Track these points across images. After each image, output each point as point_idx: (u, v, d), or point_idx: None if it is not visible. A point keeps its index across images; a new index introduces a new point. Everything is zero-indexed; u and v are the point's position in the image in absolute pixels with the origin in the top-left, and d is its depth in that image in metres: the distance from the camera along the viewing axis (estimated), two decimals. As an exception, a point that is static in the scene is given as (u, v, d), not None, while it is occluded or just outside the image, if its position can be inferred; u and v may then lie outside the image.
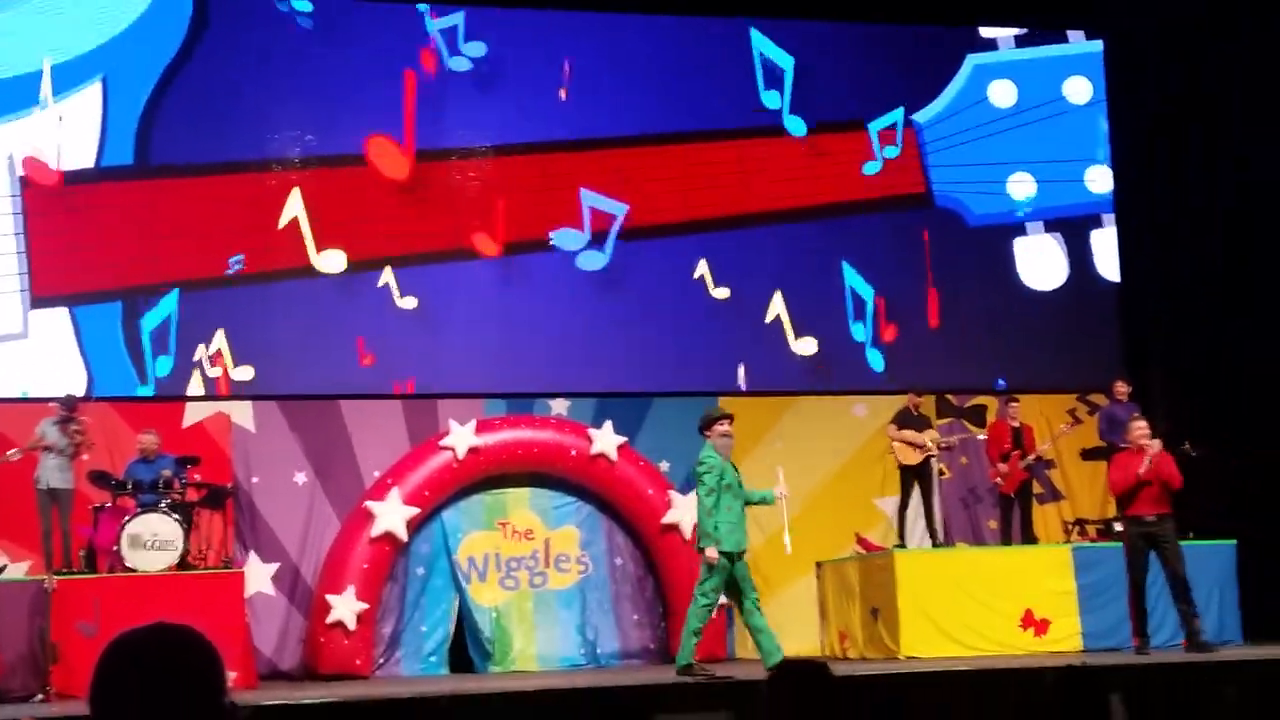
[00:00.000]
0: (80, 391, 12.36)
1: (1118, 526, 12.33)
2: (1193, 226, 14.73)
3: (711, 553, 9.57)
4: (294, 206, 13.48)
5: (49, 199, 12.99)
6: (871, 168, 14.84)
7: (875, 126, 14.92)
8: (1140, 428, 10.98)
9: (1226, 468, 12.49)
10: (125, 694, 1.97)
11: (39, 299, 12.90)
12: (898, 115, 15.00)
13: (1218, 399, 13.82)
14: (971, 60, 15.43)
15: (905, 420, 12.91)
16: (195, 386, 13.06)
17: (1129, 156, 15.40)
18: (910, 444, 12.73)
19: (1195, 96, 14.76)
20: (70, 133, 13.15)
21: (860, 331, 14.64)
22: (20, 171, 12.97)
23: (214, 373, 13.10)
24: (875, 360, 14.60)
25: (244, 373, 13.16)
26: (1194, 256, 14.69)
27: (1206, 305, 14.47)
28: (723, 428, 9.97)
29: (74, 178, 13.11)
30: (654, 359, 14.11)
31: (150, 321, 13.05)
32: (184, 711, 1.96)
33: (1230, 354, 14.13)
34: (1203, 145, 14.76)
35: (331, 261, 13.52)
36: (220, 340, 13.14)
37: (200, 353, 13.09)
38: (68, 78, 13.22)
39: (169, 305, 13.09)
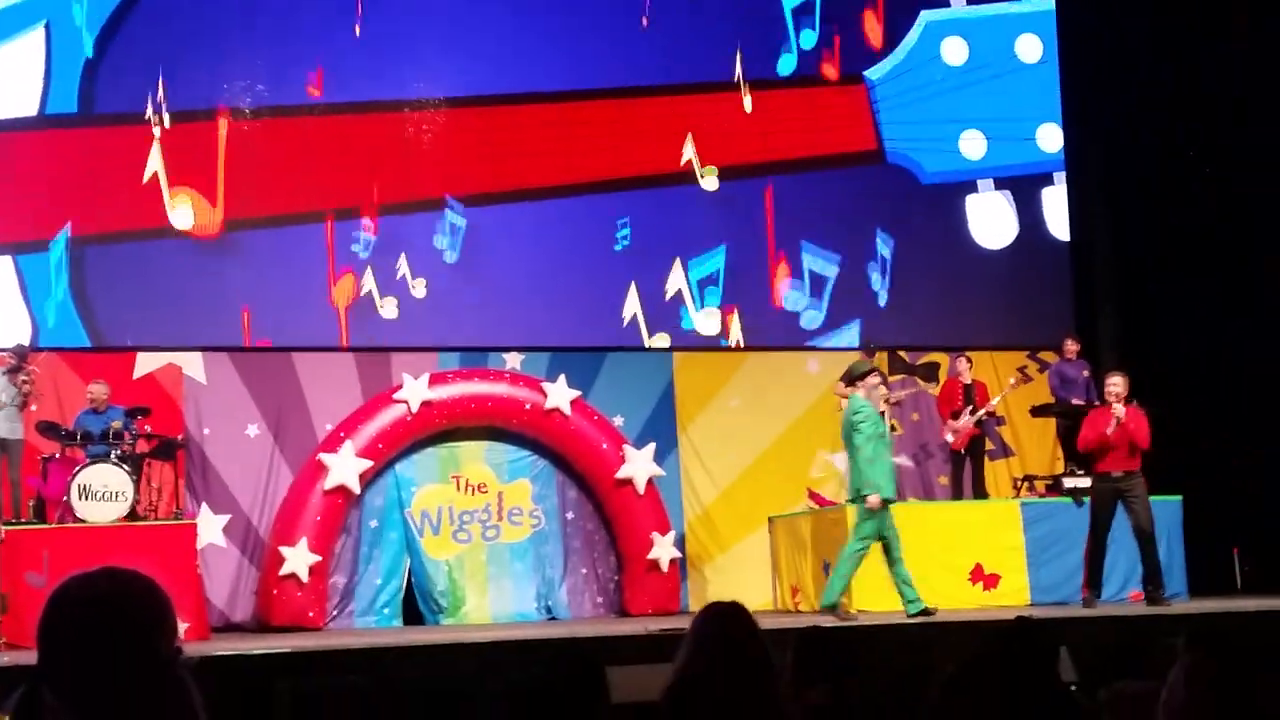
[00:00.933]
0: (26, 341, 12.20)
1: (1066, 483, 12.50)
2: (1144, 185, 14.83)
3: (875, 499, 10.05)
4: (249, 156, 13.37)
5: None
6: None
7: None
8: (1114, 384, 11.03)
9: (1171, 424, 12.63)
10: (72, 637, 1.96)
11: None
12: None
13: (1167, 357, 13.95)
14: (924, 16, 15.42)
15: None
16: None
17: (1080, 115, 15.46)
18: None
19: (1147, 55, 14.82)
20: (12, 79, 12.93)
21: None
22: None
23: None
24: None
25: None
26: (1144, 215, 14.80)
27: (1157, 263, 14.60)
28: (874, 379, 10.31)
29: (17, 125, 12.90)
30: (608, 313, 14.08)
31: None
32: (131, 655, 1.95)
33: (1180, 315, 14.27)
34: (1154, 103, 14.84)
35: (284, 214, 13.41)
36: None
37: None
38: (9, 24, 12.96)
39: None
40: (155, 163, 13.10)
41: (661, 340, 14.16)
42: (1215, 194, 14.26)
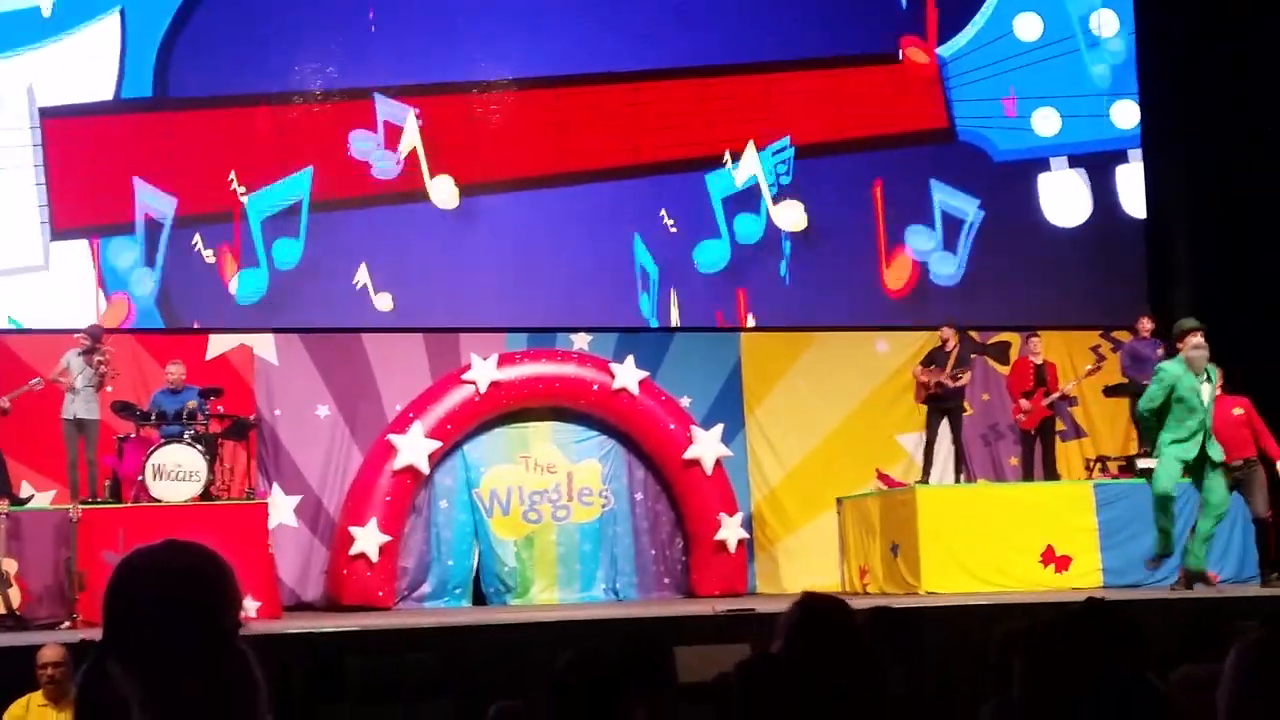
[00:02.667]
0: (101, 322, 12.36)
1: (1140, 464, 12.32)
2: (1221, 161, 14.56)
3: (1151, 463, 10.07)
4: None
5: (69, 130, 12.95)
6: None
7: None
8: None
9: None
10: (135, 608, 1.98)
11: (59, 231, 12.89)
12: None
13: (1244, 339, 13.71)
14: (998, -9, 15.23)
15: (933, 357, 12.89)
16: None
17: (1156, 91, 15.20)
18: (919, 381, 12.79)
19: (1226, 29, 14.54)
20: (89, 64, 13.09)
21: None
22: (40, 102, 12.93)
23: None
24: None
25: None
26: (1221, 192, 14.55)
27: (1234, 242, 14.34)
28: (1193, 340, 9.97)
29: (93, 109, 13.06)
30: (673, 293, 14.06)
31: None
32: (192, 626, 1.97)
33: (1260, 291, 14.01)
34: (1233, 77, 14.56)
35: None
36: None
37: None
38: (85, 8, 13.13)
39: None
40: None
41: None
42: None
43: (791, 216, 14.41)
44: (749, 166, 14.37)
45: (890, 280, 14.52)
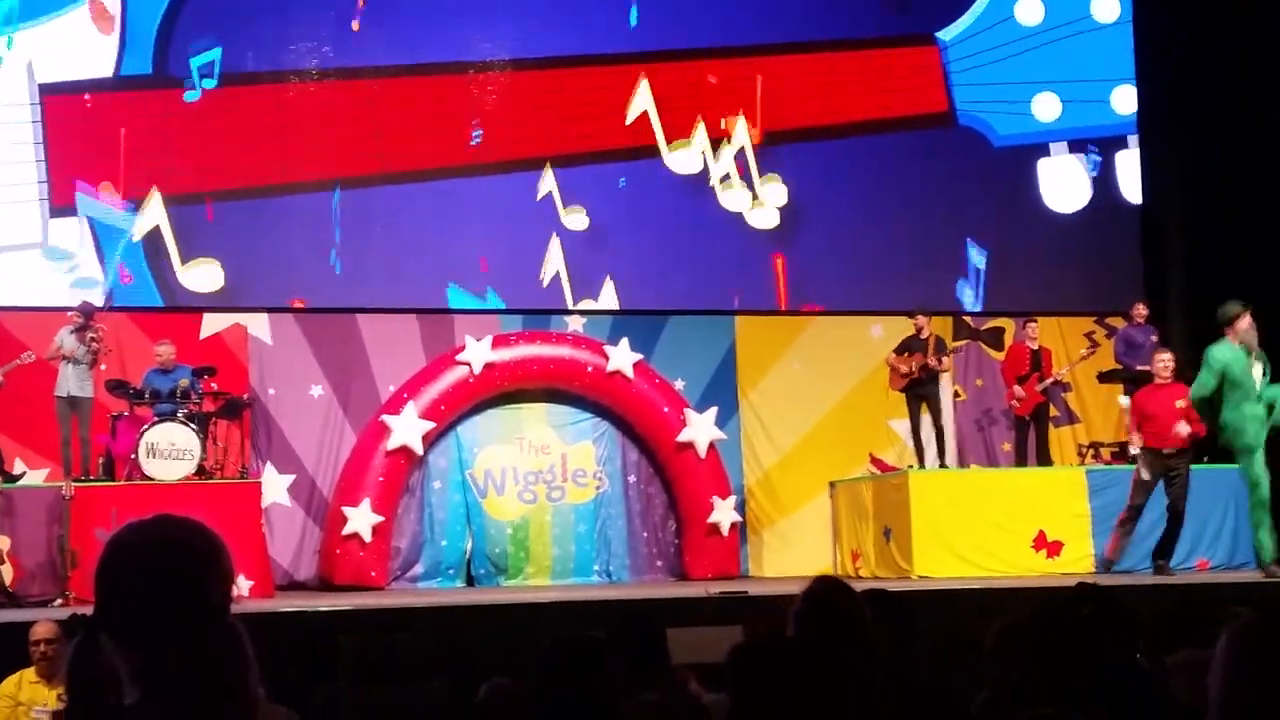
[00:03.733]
0: (98, 301, 12.33)
1: (1133, 450, 12.33)
2: (1220, 148, 14.55)
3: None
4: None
5: (69, 108, 12.92)
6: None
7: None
8: (1163, 361, 10.88)
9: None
10: (125, 582, 1.99)
11: (57, 208, 12.86)
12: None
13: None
14: (998, -23, 15.20)
15: (908, 345, 12.85)
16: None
17: (1156, 77, 15.18)
18: (894, 369, 12.77)
19: (1225, 15, 14.52)
20: (89, 41, 13.04)
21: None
22: (39, 78, 12.89)
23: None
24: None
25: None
26: (1218, 179, 14.54)
27: (1229, 229, 14.33)
28: (1245, 321, 9.98)
29: (93, 86, 13.02)
30: (671, 276, 14.04)
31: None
32: (183, 600, 1.97)
33: (1251, 279, 14.01)
34: (1233, 65, 14.54)
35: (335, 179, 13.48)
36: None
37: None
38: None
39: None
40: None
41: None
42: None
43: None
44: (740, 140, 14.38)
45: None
